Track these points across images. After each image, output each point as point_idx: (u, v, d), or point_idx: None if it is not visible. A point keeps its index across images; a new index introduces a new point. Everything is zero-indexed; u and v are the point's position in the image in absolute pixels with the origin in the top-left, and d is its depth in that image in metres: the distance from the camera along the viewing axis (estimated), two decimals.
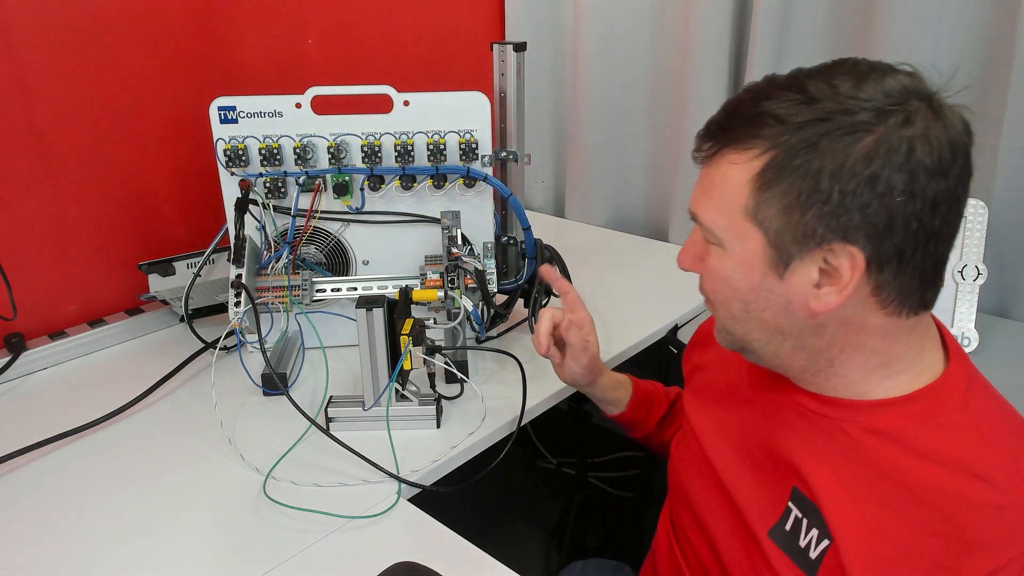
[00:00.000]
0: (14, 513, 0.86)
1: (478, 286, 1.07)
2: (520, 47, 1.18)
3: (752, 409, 0.75)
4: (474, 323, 1.12)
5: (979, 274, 1.12)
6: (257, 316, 1.05)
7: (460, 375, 1.02)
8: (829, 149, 0.57)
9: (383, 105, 1.09)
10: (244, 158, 1.09)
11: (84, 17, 1.18)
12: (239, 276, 1.07)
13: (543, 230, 1.21)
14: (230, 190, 1.12)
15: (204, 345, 1.17)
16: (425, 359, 0.95)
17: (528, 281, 1.19)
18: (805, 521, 0.66)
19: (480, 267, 1.07)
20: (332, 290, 1.12)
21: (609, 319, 1.26)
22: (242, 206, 1.10)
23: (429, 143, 1.09)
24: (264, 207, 1.12)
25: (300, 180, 1.11)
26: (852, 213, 0.57)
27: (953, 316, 1.14)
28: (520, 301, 1.20)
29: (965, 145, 0.58)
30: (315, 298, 1.12)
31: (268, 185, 1.11)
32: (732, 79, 1.52)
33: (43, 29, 1.15)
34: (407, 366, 0.93)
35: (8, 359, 1.14)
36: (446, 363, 1.02)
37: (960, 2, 1.21)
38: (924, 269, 0.60)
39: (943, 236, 0.60)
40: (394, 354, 0.94)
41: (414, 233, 1.15)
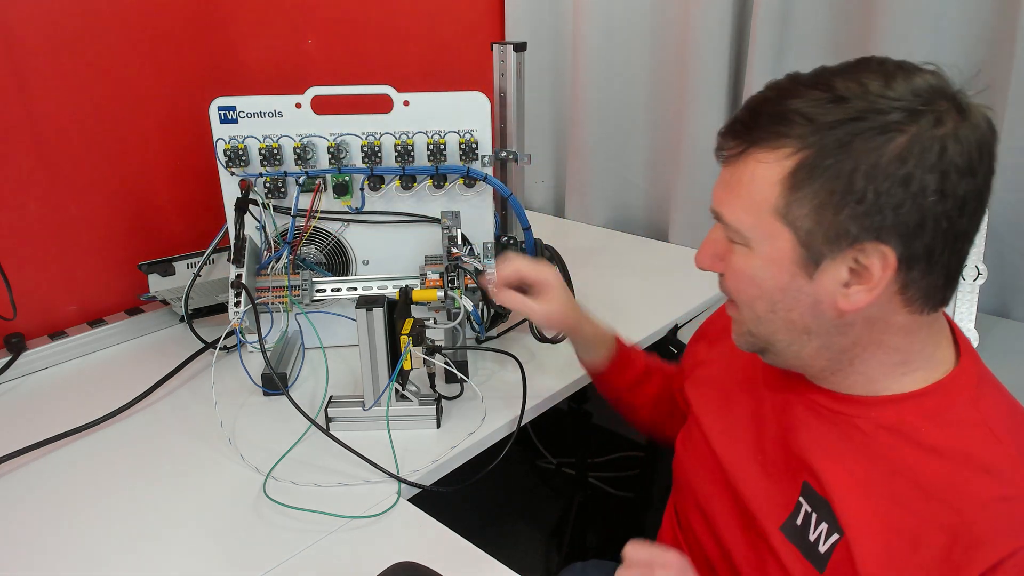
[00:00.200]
0: (14, 513, 0.86)
1: (478, 286, 1.07)
2: (520, 47, 1.18)
3: (763, 407, 0.75)
4: (474, 323, 1.12)
5: (979, 274, 1.12)
6: (257, 316, 1.05)
7: (460, 375, 1.02)
8: (862, 149, 0.57)
9: (383, 105, 1.09)
10: (244, 158, 1.09)
11: (84, 17, 1.18)
12: (239, 276, 1.07)
13: (543, 230, 1.21)
14: (230, 190, 1.12)
15: (204, 345, 1.17)
16: (425, 359, 0.95)
17: None
18: (815, 515, 0.66)
19: (480, 267, 1.07)
20: (332, 290, 1.12)
21: (609, 319, 1.26)
22: (242, 206, 1.10)
23: (429, 143, 1.09)
24: (264, 207, 1.12)
25: (300, 180, 1.11)
26: (885, 213, 0.57)
27: (953, 316, 1.14)
28: None
29: (990, 144, 0.59)
30: (315, 298, 1.12)
31: (268, 185, 1.11)
32: (732, 79, 1.52)
33: (43, 29, 1.15)
34: (407, 366, 0.93)
35: (8, 359, 1.14)
36: (446, 363, 1.02)
37: (960, 2, 1.21)
38: (950, 267, 0.61)
39: (969, 235, 0.60)
40: (394, 354, 0.94)
41: (414, 233, 1.15)
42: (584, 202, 1.83)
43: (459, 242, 1.05)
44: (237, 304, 1.07)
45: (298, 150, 1.09)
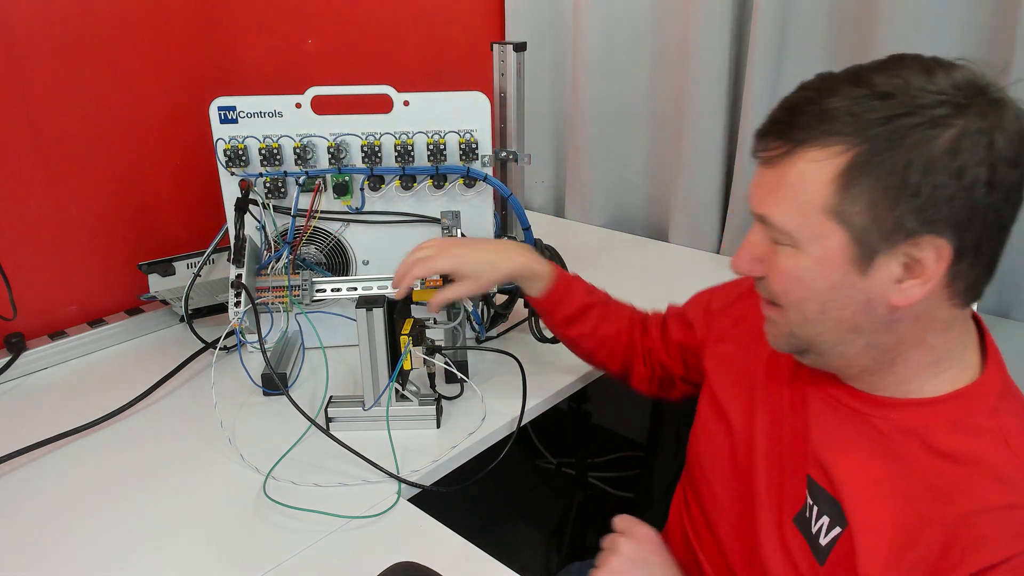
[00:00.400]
0: (14, 513, 0.86)
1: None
2: (520, 47, 1.18)
3: (783, 399, 0.75)
4: (474, 323, 1.12)
5: None
6: (257, 316, 1.05)
7: (460, 375, 1.02)
8: (915, 144, 0.57)
9: (383, 105, 1.09)
10: (244, 158, 1.09)
11: (84, 17, 1.18)
12: (239, 276, 1.07)
13: (543, 230, 1.21)
14: (230, 190, 1.12)
15: (204, 345, 1.17)
16: (425, 359, 0.95)
17: None
18: (815, 508, 0.68)
19: None
20: (332, 290, 1.12)
21: None
22: (242, 206, 1.10)
23: (429, 143, 1.09)
24: (264, 207, 1.12)
25: (300, 180, 1.11)
26: (940, 206, 0.58)
27: None
28: (520, 301, 1.20)
29: None
30: (315, 298, 1.12)
31: (268, 185, 1.11)
32: (732, 79, 1.52)
33: (44, 29, 1.15)
34: (407, 366, 0.93)
35: (8, 359, 1.14)
36: (446, 363, 1.02)
37: (960, 2, 1.21)
38: (992, 259, 0.62)
39: (1009, 227, 0.61)
40: (394, 354, 0.94)
41: (414, 233, 1.15)
42: (584, 202, 1.83)
43: None
44: (237, 304, 1.07)
45: (298, 150, 1.09)
